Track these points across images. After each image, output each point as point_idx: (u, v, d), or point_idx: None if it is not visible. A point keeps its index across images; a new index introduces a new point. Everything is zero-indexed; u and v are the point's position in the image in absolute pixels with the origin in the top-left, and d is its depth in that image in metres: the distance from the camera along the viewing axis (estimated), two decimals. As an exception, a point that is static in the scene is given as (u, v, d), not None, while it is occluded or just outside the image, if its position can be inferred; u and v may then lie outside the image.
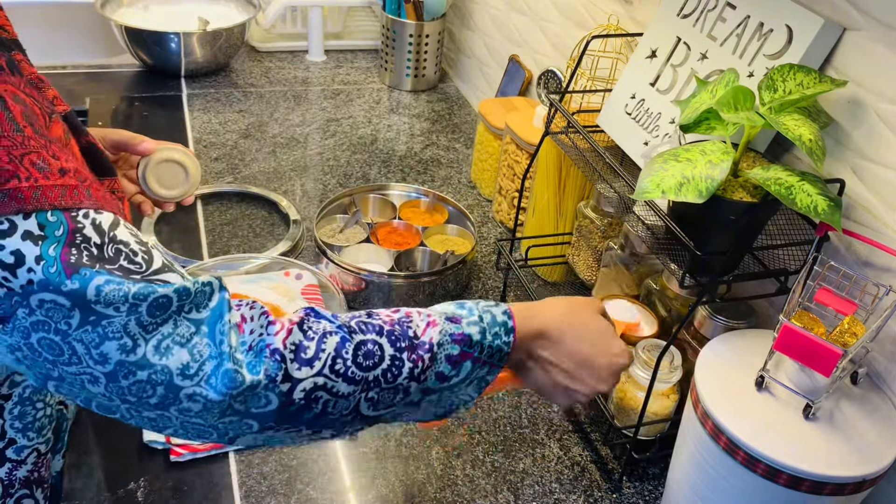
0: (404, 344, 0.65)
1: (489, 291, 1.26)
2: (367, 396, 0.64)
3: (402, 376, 0.65)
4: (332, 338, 0.63)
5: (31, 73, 0.61)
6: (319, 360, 0.61)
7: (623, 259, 1.08)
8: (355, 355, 0.63)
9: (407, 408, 0.68)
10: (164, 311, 0.57)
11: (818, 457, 0.71)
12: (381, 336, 0.65)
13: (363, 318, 0.66)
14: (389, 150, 1.63)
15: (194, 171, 0.97)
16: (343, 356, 0.62)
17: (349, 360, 0.62)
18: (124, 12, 1.86)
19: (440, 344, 0.67)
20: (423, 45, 1.83)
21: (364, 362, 0.63)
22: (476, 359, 0.68)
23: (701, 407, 0.77)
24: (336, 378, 0.62)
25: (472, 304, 0.71)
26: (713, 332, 0.91)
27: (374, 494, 0.92)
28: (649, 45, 1.02)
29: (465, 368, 0.68)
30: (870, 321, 0.74)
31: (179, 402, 0.58)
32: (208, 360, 0.58)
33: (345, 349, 0.62)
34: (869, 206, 0.81)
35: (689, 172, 0.76)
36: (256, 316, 0.63)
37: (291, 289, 1.16)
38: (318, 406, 0.62)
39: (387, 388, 0.65)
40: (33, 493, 0.71)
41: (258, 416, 0.61)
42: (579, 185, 1.20)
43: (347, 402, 0.63)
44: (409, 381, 0.65)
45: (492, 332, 0.69)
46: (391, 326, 0.66)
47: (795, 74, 0.79)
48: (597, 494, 0.94)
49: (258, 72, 1.89)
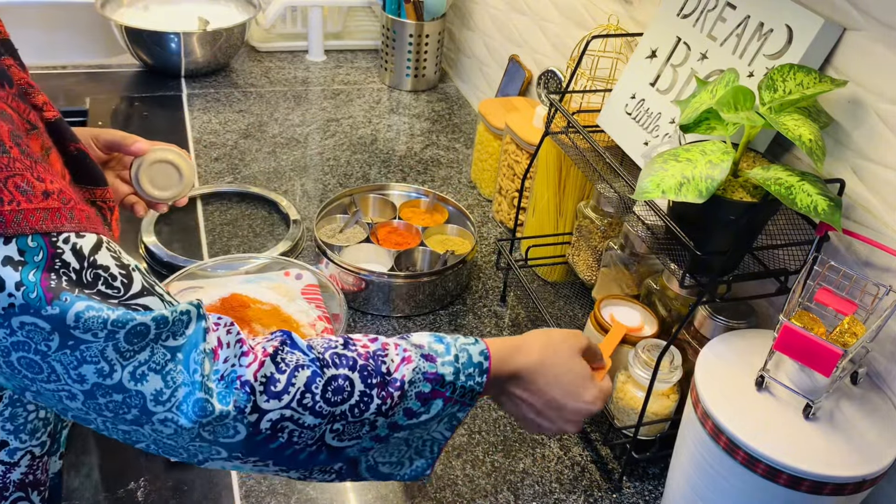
0: (375, 380, 0.66)
1: (489, 291, 1.26)
2: (332, 428, 0.65)
3: (369, 411, 0.65)
4: (303, 371, 0.63)
5: (21, 78, 0.60)
6: (289, 393, 0.62)
7: (623, 259, 1.08)
8: (325, 390, 0.64)
9: (375, 442, 0.68)
10: (142, 339, 0.58)
11: (818, 457, 0.71)
12: (353, 371, 0.65)
13: (338, 350, 0.67)
14: (389, 150, 1.63)
15: (188, 172, 0.97)
16: (312, 391, 0.63)
17: (318, 394, 0.63)
18: (124, 12, 1.86)
19: (412, 382, 0.67)
20: (423, 45, 1.83)
21: (333, 397, 0.64)
22: (447, 398, 0.69)
23: (701, 407, 0.77)
24: (303, 411, 0.63)
25: (451, 339, 0.71)
26: (713, 332, 0.91)
27: (374, 494, 0.92)
28: (649, 45, 1.02)
29: (435, 406, 0.69)
30: (870, 321, 0.74)
31: (153, 423, 0.60)
32: (181, 386, 0.59)
33: (315, 384, 0.63)
34: (869, 206, 0.81)
35: (689, 172, 0.76)
36: (233, 342, 0.63)
37: (291, 289, 1.16)
38: (284, 435, 0.63)
39: (353, 421, 0.65)
40: (29, 495, 0.71)
41: (226, 444, 0.62)
42: (579, 185, 1.20)
43: (313, 432, 0.64)
44: (377, 415, 0.66)
45: (465, 373, 0.69)
46: (365, 360, 0.66)
47: (795, 74, 0.79)
48: (597, 494, 0.94)
49: (258, 72, 1.89)
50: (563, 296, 1.26)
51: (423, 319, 1.19)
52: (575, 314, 1.22)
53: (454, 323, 1.19)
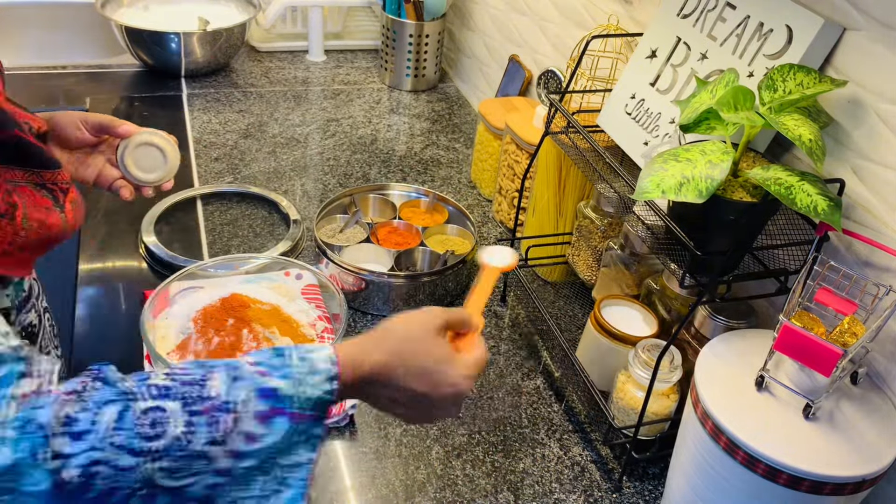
0: (199, 407, 0.59)
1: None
2: (159, 467, 0.57)
3: (200, 442, 0.58)
4: (110, 407, 0.57)
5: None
6: (92, 433, 0.56)
7: (623, 259, 1.08)
8: (137, 425, 0.57)
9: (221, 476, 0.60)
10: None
11: (818, 457, 0.71)
12: (171, 400, 0.59)
13: (155, 381, 0.60)
14: (389, 150, 1.63)
15: (172, 155, 1.00)
16: (123, 427, 0.56)
17: (131, 430, 0.57)
18: (124, 12, 1.86)
19: (245, 401, 0.60)
20: (423, 45, 1.83)
21: (149, 431, 0.57)
22: (292, 414, 0.62)
23: (701, 407, 0.77)
24: (116, 451, 0.56)
25: (292, 350, 0.65)
26: (713, 332, 0.91)
27: (374, 494, 0.92)
28: (649, 45, 1.02)
29: (278, 425, 0.61)
30: (870, 321, 0.74)
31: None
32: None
33: (125, 419, 0.57)
34: (869, 206, 0.81)
35: (689, 172, 0.76)
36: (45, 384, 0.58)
37: (291, 289, 1.16)
38: (99, 482, 0.55)
39: (182, 455, 0.58)
40: None
41: (34, 494, 0.55)
42: (579, 185, 1.20)
43: (133, 474, 0.56)
44: (209, 445, 0.59)
45: (309, 383, 0.63)
46: (185, 387, 0.60)
47: (795, 74, 0.79)
48: (597, 494, 0.94)
49: (258, 72, 1.89)
50: (563, 296, 1.26)
51: (423, 319, 1.19)
52: (575, 314, 1.22)
53: (454, 323, 1.19)
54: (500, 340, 1.17)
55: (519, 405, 1.05)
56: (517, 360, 1.13)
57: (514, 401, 1.06)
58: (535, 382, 1.09)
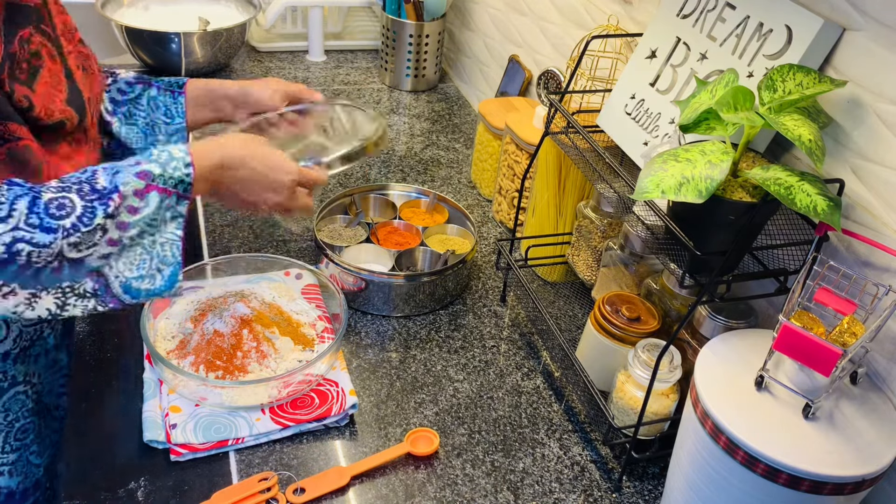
0: (93, 196, 0.76)
1: (489, 291, 1.26)
2: (69, 242, 0.74)
3: (96, 217, 0.75)
4: (22, 199, 0.73)
5: None
6: (13, 217, 0.72)
7: (623, 259, 1.08)
8: (47, 208, 0.73)
9: (111, 246, 0.77)
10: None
11: (818, 457, 0.71)
12: (69, 192, 0.75)
13: (51, 184, 0.76)
14: (389, 150, 1.63)
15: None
16: (35, 212, 0.73)
17: (42, 213, 0.73)
18: (124, 12, 1.86)
19: (125, 183, 0.77)
20: (423, 45, 1.83)
21: (57, 213, 0.73)
22: (160, 188, 0.80)
23: (700, 406, 0.77)
24: (32, 230, 0.72)
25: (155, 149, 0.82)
26: (713, 331, 0.91)
27: (374, 494, 0.92)
28: (649, 45, 1.02)
29: (152, 199, 0.79)
30: (869, 321, 0.74)
31: None
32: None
33: (36, 206, 0.73)
34: (869, 206, 0.81)
35: (689, 172, 0.76)
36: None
37: (291, 289, 1.16)
38: (22, 258, 0.72)
39: (86, 231, 0.74)
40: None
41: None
42: (579, 185, 1.20)
43: (49, 249, 0.73)
44: (105, 218, 0.75)
45: (170, 166, 0.81)
46: (78, 184, 0.76)
47: (795, 75, 0.79)
48: (597, 494, 0.94)
49: (258, 72, 1.89)
50: (563, 296, 1.26)
51: (423, 319, 1.19)
52: (575, 314, 1.22)
53: (454, 323, 1.19)
54: (499, 340, 1.17)
55: (519, 405, 1.06)
56: (517, 360, 1.13)
57: (514, 401, 1.06)
58: (535, 382, 1.10)
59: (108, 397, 1.01)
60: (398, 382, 1.07)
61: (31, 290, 0.75)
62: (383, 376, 1.08)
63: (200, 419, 0.95)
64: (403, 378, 1.08)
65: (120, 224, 0.77)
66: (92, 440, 0.95)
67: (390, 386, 1.06)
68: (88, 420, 0.97)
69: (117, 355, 1.05)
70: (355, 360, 1.10)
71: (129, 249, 0.80)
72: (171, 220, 0.82)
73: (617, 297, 1.02)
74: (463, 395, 1.06)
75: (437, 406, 1.04)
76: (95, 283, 0.79)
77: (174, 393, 0.98)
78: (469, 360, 1.12)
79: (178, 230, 0.83)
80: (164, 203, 0.80)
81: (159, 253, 0.82)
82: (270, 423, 0.96)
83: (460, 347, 1.14)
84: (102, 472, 0.91)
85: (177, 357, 1.00)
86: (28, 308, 0.76)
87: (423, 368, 1.10)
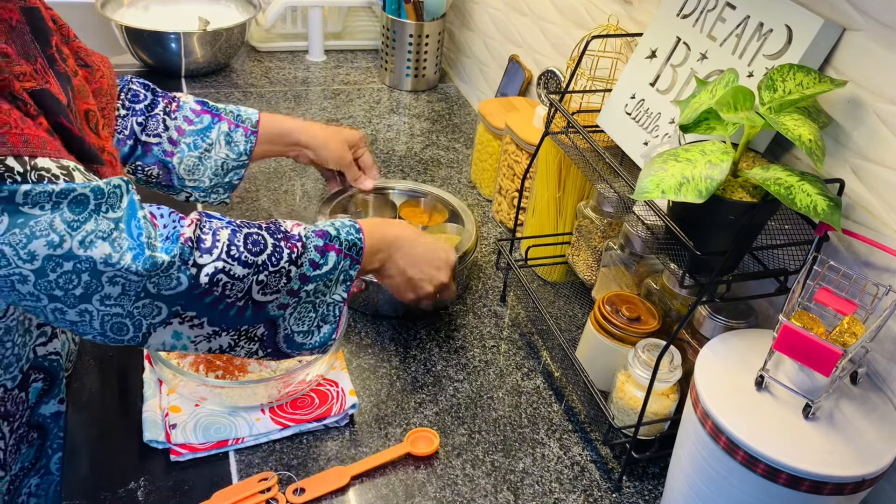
0: (280, 235, 0.80)
1: (489, 291, 1.26)
2: (258, 280, 0.77)
3: (283, 260, 0.79)
4: (224, 230, 0.77)
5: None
6: (217, 248, 0.75)
7: (623, 259, 1.08)
8: (245, 242, 0.77)
9: (290, 296, 0.80)
10: (84, 209, 0.66)
11: (818, 457, 0.71)
12: (261, 229, 0.80)
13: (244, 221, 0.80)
14: (389, 150, 1.63)
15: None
16: (235, 244, 0.76)
17: (240, 246, 0.76)
18: (124, 12, 1.86)
19: (307, 237, 0.82)
20: (423, 45, 1.83)
21: (253, 248, 0.77)
22: (338, 250, 0.85)
23: (700, 406, 0.77)
24: (232, 262, 0.75)
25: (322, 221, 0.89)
26: (713, 331, 0.91)
27: (375, 494, 0.92)
28: (649, 45, 1.02)
29: (331, 258, 0.84)
30: (869, 321, 0.74)
31: (101, 287, 0.68)
32: (128, 251, 0.68)
33: (236, 238, 0.77)
34: (869, 206, 0.81)
35: (689, 172, 0.76)
36: (166, 214, 0.76)
37: (291, 289, 1.16)
38: (219, 289, 0.74)
39: (273, 271, 0.78)
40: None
41: (168, 298, 0.72)
42: (579, 185, 1.20)
43: (242, 284, 0.76)
44: (289, 264, 0.79)
45: (344, 231, 0.87)
46: (267, 224, 0.81)
47: (795, 74, 0.79)
48: (597, 494, 0.94)
49: (258, 72, 1.89)
50: (563, 296, 1.26)
51: (423, 320, 1.19)
52: (575, 314, 1.22)
53: (454, 323, 1.19)
54: (499, 340, 1.17)
55: (519, 405, 1.06)
56: (517, 360, 1.13)
57: (514, 401, 1.06)
58: (535, 382, 1.10)
59: (108, 397, 1.01)
60: (398, 382, 1.07)
61: (216, 328, 0.77)
62: (383, 376, 1.08)
63: (200, 419, 0.95)
64: (403, 378, 1.08)
65: (302, 276, 0.81)
66: (92, 440, 0.95)
67: (390, 386, 1.06)
68: (88, 420, 0.97)
69: (117, 355, 1.05)
70: (355, 360, 1.10)
71: (304, 304, 0.83)
72: (341, 283, 0.86)
73: (617, 297, 1.02)
74: (463, 395, 1.06)
75: (437, 406, 1.04)
76: (266, 330, 0.81)
77: (174, 393, 0.98)
78: (469, 360, 1.12)
79: (344, 293, 0.86)
80: (340, 265, 0.85)
81: (324, 312, 0.85)
82: (270, 423, 0.96)
83: (460, 347, 1.14)
84: (102, 472, 0.91)
85: (177, 357, 1.00)
86: (206, 341, 0.78)
87: (422, 368, 1.10)
